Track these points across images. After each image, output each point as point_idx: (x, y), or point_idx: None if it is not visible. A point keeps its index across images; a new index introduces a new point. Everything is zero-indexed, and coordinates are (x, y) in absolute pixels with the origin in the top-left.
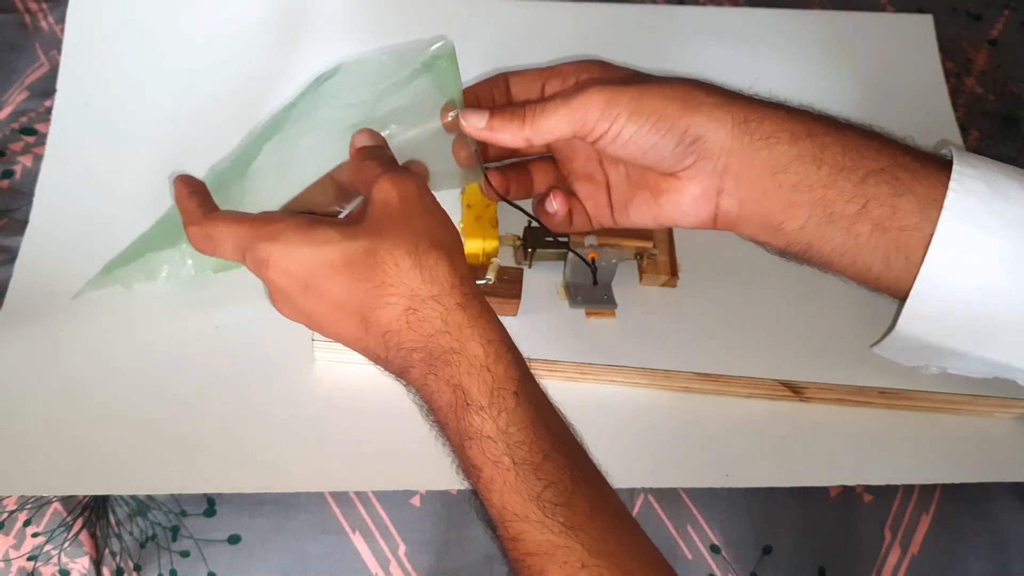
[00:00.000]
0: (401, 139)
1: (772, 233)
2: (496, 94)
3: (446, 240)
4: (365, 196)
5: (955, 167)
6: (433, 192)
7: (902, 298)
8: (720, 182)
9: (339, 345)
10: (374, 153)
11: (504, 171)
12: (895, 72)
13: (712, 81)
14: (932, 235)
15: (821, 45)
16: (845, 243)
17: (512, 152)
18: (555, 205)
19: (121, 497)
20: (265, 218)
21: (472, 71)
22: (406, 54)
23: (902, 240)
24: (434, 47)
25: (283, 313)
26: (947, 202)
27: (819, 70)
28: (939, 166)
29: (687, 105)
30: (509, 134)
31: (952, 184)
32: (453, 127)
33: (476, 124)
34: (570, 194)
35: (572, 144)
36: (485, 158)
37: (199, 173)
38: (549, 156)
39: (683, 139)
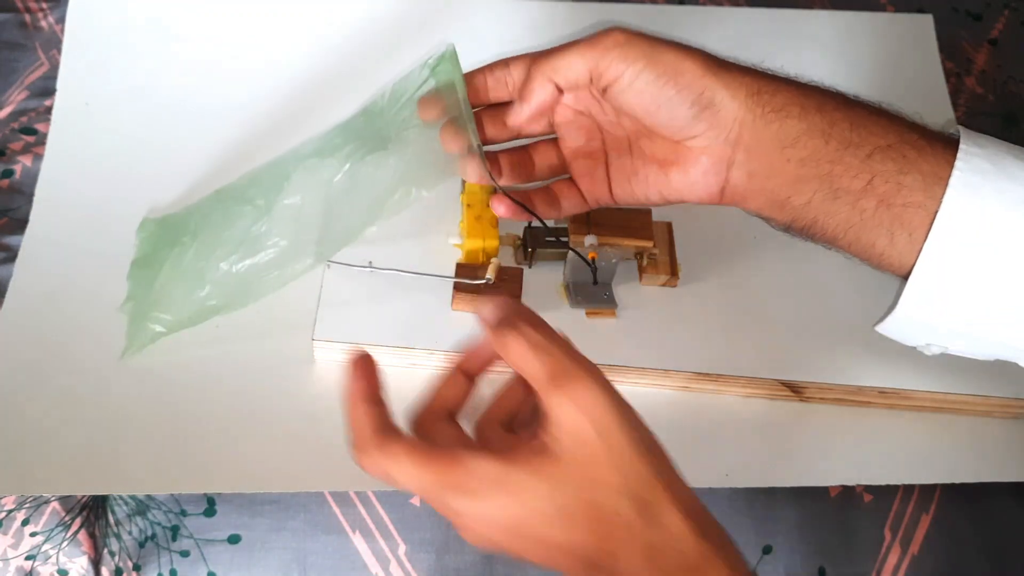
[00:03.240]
0: (407, 142)
1: (778, 208)
2: (491, 82)
3: (666, 476)
4: (540, 404)
5: (962, 146)
6: (437, 185)
7: (905, 276)
8: (732, 154)
9: (339, 345)
10: (526, 336)
11: (503, 155)
12: (895, 72)
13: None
14: (936, 213)
15: (821, 45)
16: (850, 219)
17: (513, 134)
18: (501, 210)
19: (120, 496)
20: (451, 461)
21: None
22: (412, 74)
23: (906, 217)
24: (436, 54)
25: (474, 543)
26: (952, 180)
27: (819, 70)
28: (946, 145)
29: (706, 67)
30: (522, 73)
31: (958, 163)
32: (434, 115)
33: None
34: (561, 179)
35: (576, 122)
36: (484, 139)
37: (199, 171)
38: (552, 137)
39: (698, 101)
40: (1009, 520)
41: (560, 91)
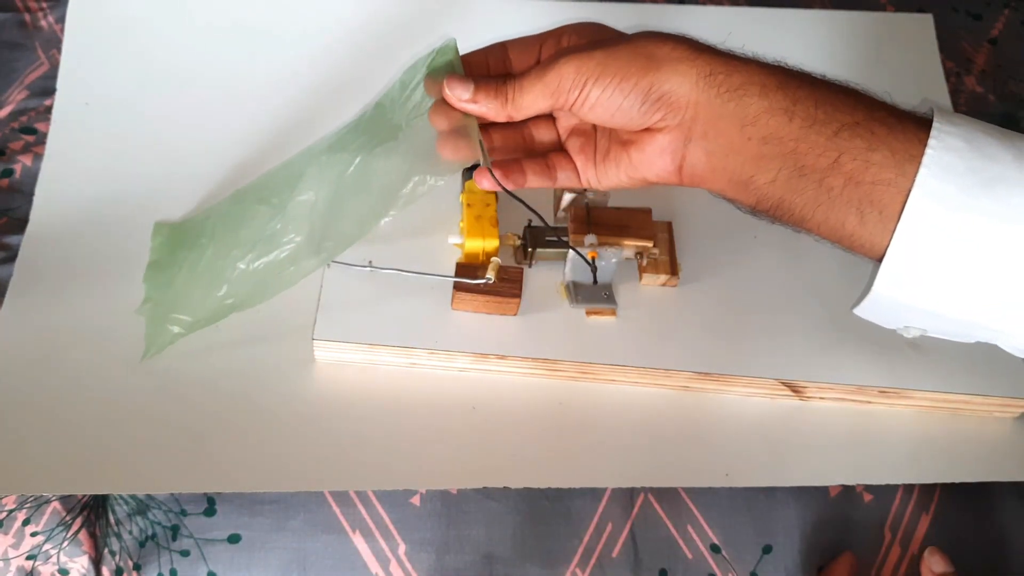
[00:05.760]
0: (416, 129)
1: (742, 188)
2: (491, 62)
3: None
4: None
5: (935, 124)
6: (449, 173)
7: (878, 258)
8: (688, 131)
9: (339, 344)
10: None
11: (495, 131)
12: (895, 72)
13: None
14: (908, 190)
15: (821, 45)
16: (817, 197)
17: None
18: (485, 183)
19: (121, 496)
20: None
21: None
22: (418, 63)
23: (876, 195)
24: (438, 46)
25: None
26: (925, 159)
27: (819, 70)
28: (917, 123)
29: (650, 62)
30: (492, 111)
31: (931, 142)
32: (435, 94)
33: (460, 95)
34: (559, 151)
35: None
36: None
37: (199, 171)
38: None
39: (648, 97)
40: (1009, 520)
41: None
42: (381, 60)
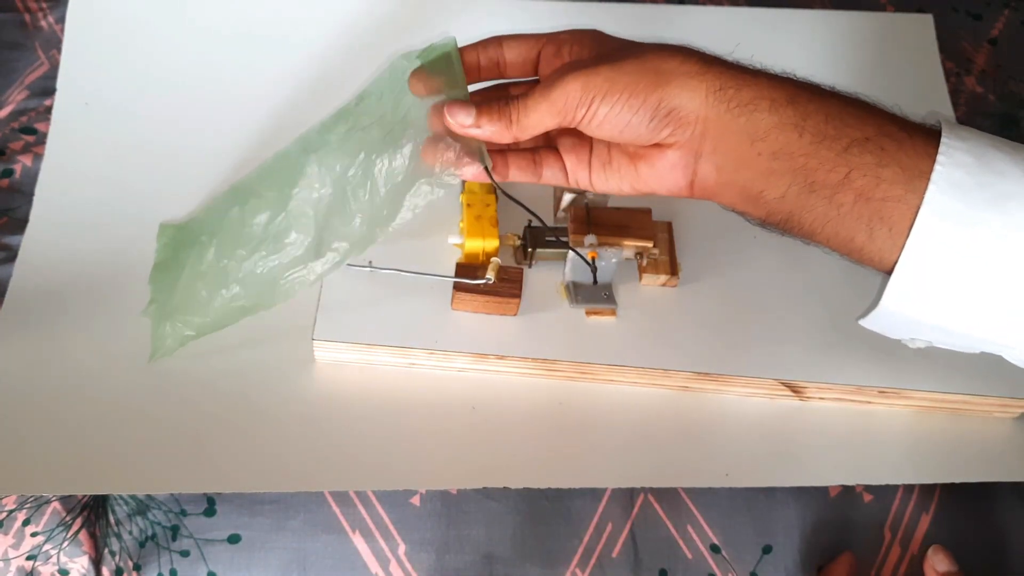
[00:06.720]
0: (421, 129)
1: (752, 202)
2: (483, 61)
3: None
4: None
5: (943, 139)
6: (441, 187)
7: (887, 271)
8: (698, 147)
9: (339, 345)
10: None
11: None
12: (895, 72)
13: (696, 47)
14: (918, 207)
15: (821, 45)
16: (827, 213)
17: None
18: (468, 173)
19: (120, 496)
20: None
21: None
22: (411, 55)
23: (886, 211)
24: (437, 43)
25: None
26: (934, 176)
27: (819, 70)
28: (926, 137)
29: (659, 78)
30: (496, 134)
31: (940, 158)
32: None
33: (463, 121)
34: (549, 147)
35: None
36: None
37: (199, 171)
38: None
39: (657, 113)
40: (1009, 520)
41: None
42: (381, 61)
